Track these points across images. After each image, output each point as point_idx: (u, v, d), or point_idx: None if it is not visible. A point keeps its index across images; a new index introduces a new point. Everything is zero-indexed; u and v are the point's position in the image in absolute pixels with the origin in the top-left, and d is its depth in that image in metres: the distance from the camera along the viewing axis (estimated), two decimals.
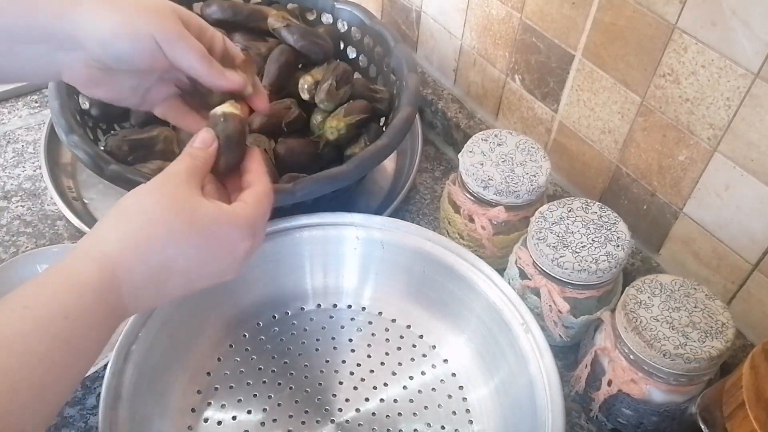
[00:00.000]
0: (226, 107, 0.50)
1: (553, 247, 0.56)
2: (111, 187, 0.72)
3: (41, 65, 0.48)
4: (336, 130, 0.67)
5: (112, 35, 0.46)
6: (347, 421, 0.55)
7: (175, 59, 0.48)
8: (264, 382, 0.57)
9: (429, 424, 0.55)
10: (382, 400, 0.56)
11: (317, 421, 0.55)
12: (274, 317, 0.62)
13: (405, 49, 0.72)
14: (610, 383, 0.54)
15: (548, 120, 0.72)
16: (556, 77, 0.68)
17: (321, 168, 0.60)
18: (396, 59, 0.71)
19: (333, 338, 0.61)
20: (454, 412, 0.56)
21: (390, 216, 0.64)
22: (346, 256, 0.62)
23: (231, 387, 0.57)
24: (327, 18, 0.78)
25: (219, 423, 0.54)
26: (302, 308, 0.63)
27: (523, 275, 0.60)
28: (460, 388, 0.58)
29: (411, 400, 0.57)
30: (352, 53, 0.80)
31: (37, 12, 0.46)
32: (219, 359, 0.58)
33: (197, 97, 0.54)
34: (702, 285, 0.54)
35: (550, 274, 0.57)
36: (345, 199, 0.68)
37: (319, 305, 0.63)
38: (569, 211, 0.59)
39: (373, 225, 0.61)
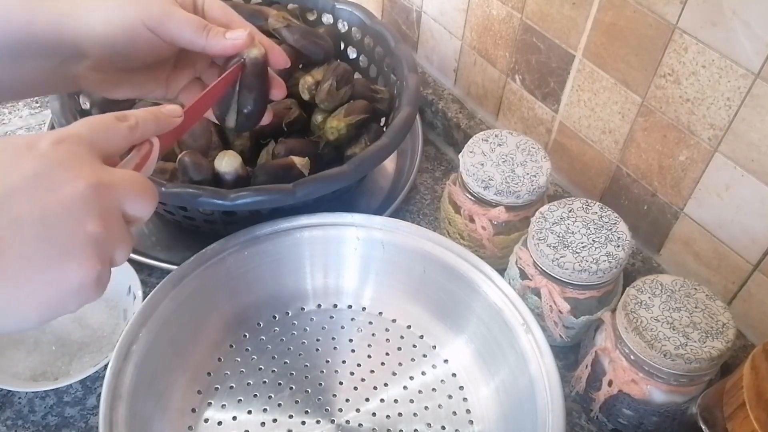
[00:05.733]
0: (250, 50, 0.49)
1: (554, 247, 0.56)
2: None
3: (52, 78, 0.48)
4: (336, 131, 0.67)
5: (109, 36, 0.46)
6: (347, 421, 0.55)
7: (171, 38, 0.47)
8: (264, 382, 0.57)
9: (429, 425, 0.55)
10: (382, 400, 0.56)
11: (317, 422, 0.55)
12: (274, 317, 0.62)
13: (405, 49, 0.72)
14: (610, 383, 0.54)
15: (549, 120, 0.72)
16: (557, 77, 0.68)
17: (321, 168, 0.60)
18: (396, 59, 0.71)
19: (333, 338, 0.61)
20: (454, 413, 0.56)
21: (390, 216, 0.64)
22: (346, 257, 0.62)
23: (231, 387, 0.57)
24: (327, 18, 0.78)
25: (219, 423, 0.54)
26: (303, 308, 0.63)
27: (523, 275, 0.60)
28: (461, 388, 0.58)
29: (411, 401, 0.57)
30: (352, 53, 0.80)
31: (34, 25, 0.45)
32: (219, 359, 0.58)
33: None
34: (702, 285, 0.54)
35: (550, 275, 0.57)
36: (345, 200, 0.68)
37: (319, 305, 0.63)
38: (570, 212, 0.59)
39: (374, 225, 0.61)
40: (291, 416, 0.55)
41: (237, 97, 0.51)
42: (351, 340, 0.61)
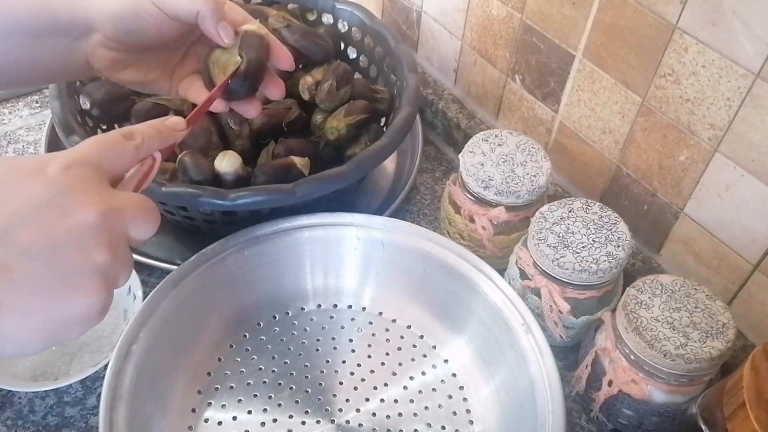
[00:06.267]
0: (249, 26, 0.50)
1: (554, 247, 0.56)
2: None
3: (65, 57, 0.50)
4: (336, 131, 0.67)
5: (117, 8, 0.48)
6: (347, 421, 0.55)
7: (172, 7, 0.48)
8: (264, 382, 0.57)
9: (429, 425, 0.55)
10: (382, 400, 0.56)
11: (317, 422, 0.55)
12: (274, 317, 0.62)
13: (405, 49, 0.72)
14: (610, 383, 0.54)
15: (549, 120, 0.72)
16: (557, 77, 0.68)
17: (321, 168, 0.60)
18: (396, 59, 0.71)
19: (333, 338, 0.61)
20: (454, 413, 0.56)
21: (390, 216, 0.64)
22: (346, 257, 0.62)
23: (231, 387, 0.57)
24: (327, 18, 0.78)
25: (219, 423, 0.54)
26: (303, 308, 0.63)
27: (523, 275, 0.60)
28: (461, 388, 0.58)
29: (411, 401, 0.57)
30: (352, 53, 0.80)
31: (52, 4, 0.48)
32: (219, 359, 0.58)
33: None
34: (702, 285, 0.54)
35: (550, 275, 0.57)
36: (345, 200, 0.68)
37: (319, 305, 0.63)
38: (570, 212, 0.59)
39: (374, 225, 0.61)
40: (291, 416, 0.55)
41: (233, 63, 0.51)
42: (351, 340, 0.61)
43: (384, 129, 0.69)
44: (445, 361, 0.59)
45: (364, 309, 0.63)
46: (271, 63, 0.53)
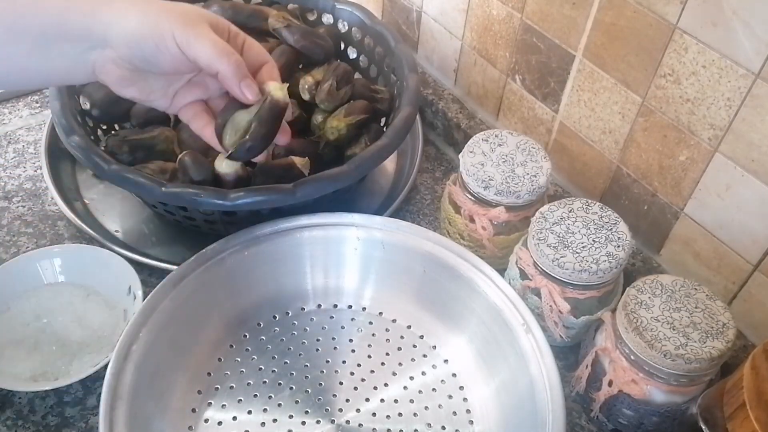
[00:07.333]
0: (274, 88, 0.52)
1: (554, 247, 0.56)
2: (111, 188, 0.72)
3: (73, 65, 0.50)
4: (336, 131, 0.67)
5: (138, 37, 0.48)
6: (347, 421, 0.55)
7: (195, 56, 0.49)
8: (264, 382, 0.57)
9: (429, 425, 0.55)
10: (382, 400, 0.56)
11: (317, 422, 0.55)
12: (274, 317, 0.62)
13: (405, 49, 0.72)
14: (610, 383, 0.54)
15: (549, 120, 0.72)
16: (557, 77, 0.68)
17: (321, 168, 0.60)
18: (396, 59, 0.71)
19: (333, 338, 0.61)
20: (454, 413, 0.56)
21: (390, 216, 0.64)
22: (346, 257, 0.62)
23: (231, 387, 0.57)
24: (327, 18, 0.78)
25: (219, 423, 0.54)
26: (303, 308, 0.63)
27: (523, 275, 0.60)
28: (461, 388, 0.58)
29: (411, 401, 0.57)
30: (352, 53, 0.80)
31: (70, 12, 0.48)
32: (219, 359, 0.58)
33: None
34: (703, 285, 0.54)
35: (550, 275, 0.57)
36: (346, 200, 0.68)
37: (319, 305, 0.63)
38: (570, 212, 0.59)
39: (374, 225, 0.61)
40: (291, 416, 0.55)
41: (247, 124, 0.53)
42: (351, 340, 0.61)
43: (384, 129, 0.69)
44: (445, 361, 0.59)
45: (364, 309, 0.63)
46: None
